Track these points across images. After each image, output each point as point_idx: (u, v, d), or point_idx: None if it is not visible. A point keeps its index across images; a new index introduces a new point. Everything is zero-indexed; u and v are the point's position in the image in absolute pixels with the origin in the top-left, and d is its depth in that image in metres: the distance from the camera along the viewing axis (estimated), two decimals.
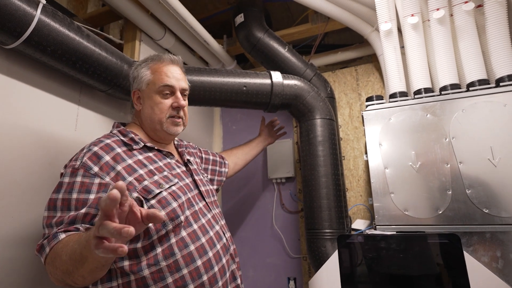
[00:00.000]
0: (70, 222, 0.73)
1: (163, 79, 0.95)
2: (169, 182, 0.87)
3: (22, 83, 1.08)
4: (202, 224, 0.90)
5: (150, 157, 0.92)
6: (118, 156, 0.84)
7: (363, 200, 1.86)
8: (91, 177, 0.78)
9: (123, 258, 0.77)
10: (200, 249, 0.84)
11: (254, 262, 2.05)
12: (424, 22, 1.45)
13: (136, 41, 1.65)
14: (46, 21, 0.99)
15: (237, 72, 1.49)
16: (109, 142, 0.86)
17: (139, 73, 0.98)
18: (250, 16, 1.78)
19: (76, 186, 0.77)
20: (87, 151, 0.82)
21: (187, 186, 0.94)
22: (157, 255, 0.78)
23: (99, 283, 0.78)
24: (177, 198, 0.86)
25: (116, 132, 0.93)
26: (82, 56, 1.10)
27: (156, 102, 0.95)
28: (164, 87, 0.95)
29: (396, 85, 1.40)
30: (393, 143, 1.31)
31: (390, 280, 1.18)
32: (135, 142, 0.91)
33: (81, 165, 0.79)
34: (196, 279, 0.80)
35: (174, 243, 0.81)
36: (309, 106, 1.54)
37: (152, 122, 0.95)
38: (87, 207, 0.75)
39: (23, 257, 1.01)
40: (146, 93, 0.96)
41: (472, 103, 1.23)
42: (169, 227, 0.81)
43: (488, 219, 1.12)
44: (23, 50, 0.99)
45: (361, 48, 2.04)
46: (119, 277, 0.77)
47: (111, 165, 0.81)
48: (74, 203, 0.75)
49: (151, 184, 0.83)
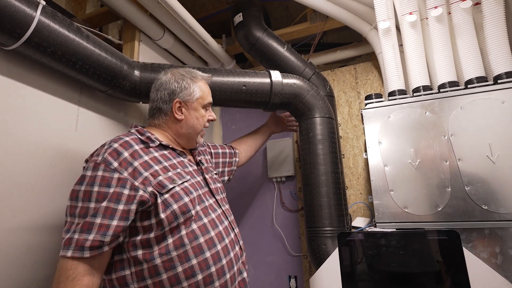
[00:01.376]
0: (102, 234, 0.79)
1: (208, 96, 1.13)
2: (182, 179, 0.94)
3: (23, 84, 1.08)
4: (212, 219, 0.96)
5: (165, 155, 0.98)
6: (136, 153, 0.91)
7: (363, 198, 1.87)
8: (111, 172, 0.84)
9: (137, 247, 0.84)
10: (209, 241, 0.90)
11: (254, 260, 2.06)
12: (422, 20, 1.45)
13: (135, 41, 1.66)
14: (46, 22, 0.99)
15: (237, 72, 1.50)
16: (128, 140, 0.93)
17: (190, 87, 1.08)
18: (249, 16, 1.78)
19: (98, 179, 0.83)
20: (108, 148, 0.88)
21: (198, 184, 1.00)
22: (168, 245, 0.84)
23: (113, 272, 0.85)
24: (189, 193, 0.92)
25: (134, 131, 1.00)
26: (82, 56, 1.11)
27: (202, 115, 1.10)
28: (208, 104, 1.13)
29: (395, 83, 1.41)
30: (393, 141, 1.32)
31: (390, 277, 1.19)
32: (151, 141, 0.98)
33: (102, 161, 0.85)
34: (204, 270, 0.85)
35: (184, 235, 0.87)
36: (309, 105, 1.55)
37: (193, 131, 1.08)
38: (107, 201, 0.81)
39: (17, 264, 1.01)
40: (193, 106, 1.08)
41: (470, 101, 1.24)
42: (180, 220, 0.87)
43: (487, 216, 1.13)
44: (23, 51, 1.00)
45: (360, 46, 2.04)
46: (132, 266, 0.84)
47: (129, 161, 0.87)
48: (96, 196, 0.81)
49: (165, 179, 0.89)
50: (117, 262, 0.85)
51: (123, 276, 0.84)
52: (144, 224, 0.85)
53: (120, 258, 0.85)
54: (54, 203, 1.12)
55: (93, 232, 0.78)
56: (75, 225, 0.80)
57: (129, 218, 0.82)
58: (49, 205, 1.10)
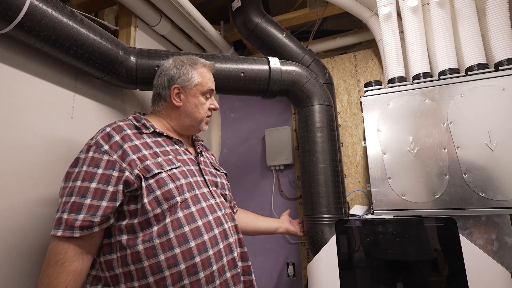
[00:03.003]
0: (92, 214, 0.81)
1: (208, 83, 1.09)
2: (171, 165, 0.93)
3: (17, 70, 1.06)
4: (202, 208, 0.92)
5: (158, 141, 0.98)
6: (127, 136, 0.92)
7: (361, 186, 1.88)
8: (101, 153, 0.86)
9: (122, 232, 0.85)
10: (195, 231, 0.87)
11: (253, 248, 2.07)
12: (423, 5, 1.43)
13: (132, 27, 1.63)
14: (38, 5, 0.96)
15: (235, 58, 1.47)
16: (121, 124, 0.95)
17: (188, 73, 1.06)
18: (247, 1, 1.75)
19: (87, 160, 0.86)
20: (101, 131, 0.92)
21: (190, 172, 0.97)
22: (152, 233, 0.83)
23: (101, 255, 0.86)
24: (176, 180, 0.90)
25: (131, 118, 1.01)
26: (76, 41, 1.08)
27: (201, 102, 1.08)
28: (209, 90, 1.10)
29: (395, 70, 1.39)
30: (391, 128, 1.31)
31: (387, 264, 1.20)
32: (145, 127, 0.98)
33: (94, 143, 0.88)
34: (188, 259, 0.83)
35: (168, 223, 0.85)
36: (307, 93, 1.53)
37: (193, 119, 1.07)
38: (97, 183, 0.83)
39: (19, 249, 1.02)
40: (192, 93, 1.06)
41: (470, 88, 1.23)
42: (164, 207, 0.86)
43: (484, 203, 1.14)
44: (16, 35, 0.97)
45: (360, 33, 2.01)
46: (118, 250, 0.84)
47: (119, 144, 0.89)
48: (83, 175, 0.84)
49: (152, 164, 0.89)
50: (105, 245, 0.87)
51: (110, 260, 0.85)
52: (130, 208, 0.86)
53: (109, 242, 0.87)
54: (51, 190, 1.11)
55: (83, 212, 0.80)
56: (62, 204, 0.82)
57: (117, 199, 0.83)
58: (45, 192, 1.10)
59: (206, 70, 1.11)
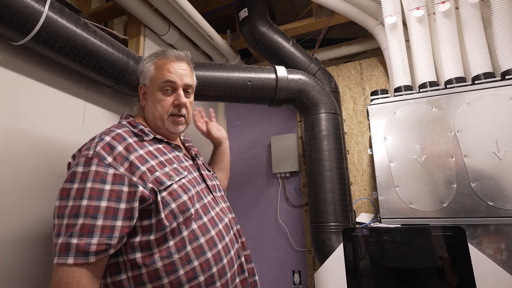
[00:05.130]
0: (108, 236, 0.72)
1: (165, 74, 0.93)
2: (179, 175, 0.87)
3: (30, 79, 1.09)
4: (212, 217, 0.91)
5: (160, 149, 0.91)
6: (130, 146, 0.83)
7: (367, 194, 1.87)
8: (105, 167, 0.76)
9: (135, 250, 0.77)
10: (210, 241, 0.85)
11: (259, 256, 2.07)
12: (429, 15, 1.44)
13: (141, 37, 1.66)
14: (54, 17, 0.99)
15: (242, 67, 1.49)
16: (121, 132, 0.85)
17: (144, 68, 0.97)
18: (254, 10, 1.78)
19: (91, 175, 0.74)
20: (99, 141, 0.80)
21: (195, 180, 0.94)
22: (169, 248, 0.78)
23: (108, 276, 0.77)
24: (187, 191, 0.86)
25: (125, 123, 0.92)
26: (89, 52, 1.11)
27: (158, 99, 0.93)
28: (165, 83, 0.93)
29: (401, 78, 1.40)
30: (398, 137, 1.32)
31: (394, 273, 1.19)
32: (145, 134, 0.90)
33: (95, 155, 0.77)
34: (206, 271, 0.81)
35: (186, 236, 0.81)
36: (314, 101, 1.55)
37: (154, 119, 0.95)
38: (107, 201, 0.74)
39: (27, 256, 1.03)
40: (149, 89, 0.96)
41: (477, 97, 1.23)
42: (180, 220, 0.81)
43: (492, 212, 1.13)
44: (31, 46, 1.00)
45: (366, 42, 2.03)
46: (129, 270, 0.77)
47: (124, 156, 0.80)
48: (89, 192, 0.73)
49: (162, 175, 0.83)
50: (112, 265, 0.78)
51: (120, 280, 0.77)
52: (143, 223, 0.79)
53: (116, 261, 0.78)
54: None
55: (96, 235, 0.70)
56: (65, 227, 0.71)
57: (133, 217, 0.76)
58: None
59: (166, 61, 0.95)
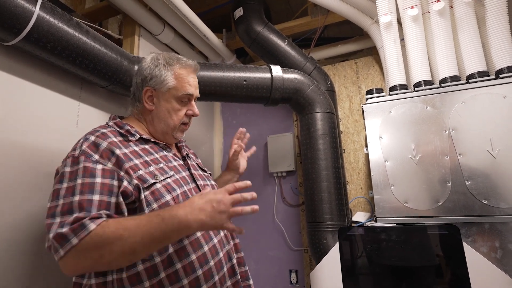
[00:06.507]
0: (86, 210, 0.71)
1: (186, 87, 0.97)
2: (164, 174, 0.86)
3: (23, 80, 1.08)
4: None
5: (146, 149, 0.90)
6: (114, 143, 0.83)
7: (364, 193, 1.88)
8: (93, 163, 0.76)
9: None
10: (195, 243, 0.83)
11: (256, 255, 2.07)
12: (424, 14, 1.44)
13: (135, 36, 1.65)
14: (45, 17, 0.98)
15: (237, 67, 1.49)
16: (105, 131, 0.85)
17: (161, 74, 0.96)
18: (249, 9, 1.77)
19: (80, 171, 0.74)
20: (84, 141, 0.81)
21: (184, 179, 0.92)
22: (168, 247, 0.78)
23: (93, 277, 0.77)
24: (171, 191, 0.84)
25: (112, 124, 0.92)
26: (82, 52, 1.10)
27: (174, 108, 0.96)
28: (185, 95, 0.97)
29: (396, 77, 1.40)
30: (393, 135, 1.32)
31: (390, 271, 1.20)
32: (131, 134, 0.90)
33: (81, 153, 0.78)
34: (190, 274, 0.79)
35: None
36: (309, 100, 1.55)
37: (165, 125, 0.96)
38: (99, 195, 0.74)
39: (20, 255, 1.02)
40: (164, 96, 0.96)
41: (472, 95, 1.24)
42: None
43: (487, 210, 1.14)
44: (23, 46, 0.99)
45: (361, 41, 2.03)
46: (114, 272, 0.76)
47: (110, 150, 0.80)
48: (80, 188, 0.73)
49: (146, 174, 0.82)
50: (100, 284, 0.77)
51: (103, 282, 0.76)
52: None
53: (104, 280, 0.77)
54: None
55: (76, 212, 0.69)
56: (57, 225, 0.69)
57: (123, 211, 0.76)
58: None
59: (185, 72, 0.98)
